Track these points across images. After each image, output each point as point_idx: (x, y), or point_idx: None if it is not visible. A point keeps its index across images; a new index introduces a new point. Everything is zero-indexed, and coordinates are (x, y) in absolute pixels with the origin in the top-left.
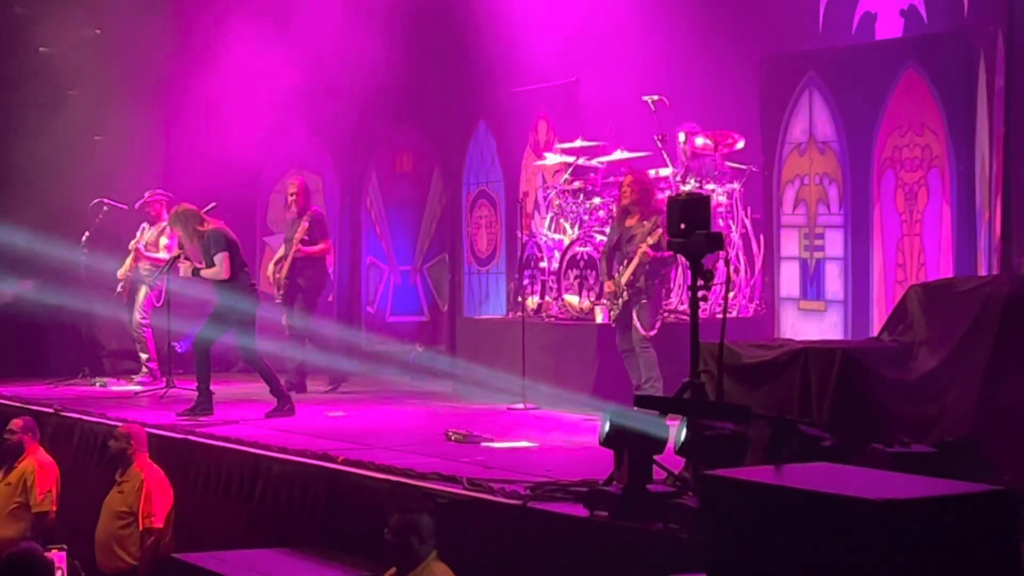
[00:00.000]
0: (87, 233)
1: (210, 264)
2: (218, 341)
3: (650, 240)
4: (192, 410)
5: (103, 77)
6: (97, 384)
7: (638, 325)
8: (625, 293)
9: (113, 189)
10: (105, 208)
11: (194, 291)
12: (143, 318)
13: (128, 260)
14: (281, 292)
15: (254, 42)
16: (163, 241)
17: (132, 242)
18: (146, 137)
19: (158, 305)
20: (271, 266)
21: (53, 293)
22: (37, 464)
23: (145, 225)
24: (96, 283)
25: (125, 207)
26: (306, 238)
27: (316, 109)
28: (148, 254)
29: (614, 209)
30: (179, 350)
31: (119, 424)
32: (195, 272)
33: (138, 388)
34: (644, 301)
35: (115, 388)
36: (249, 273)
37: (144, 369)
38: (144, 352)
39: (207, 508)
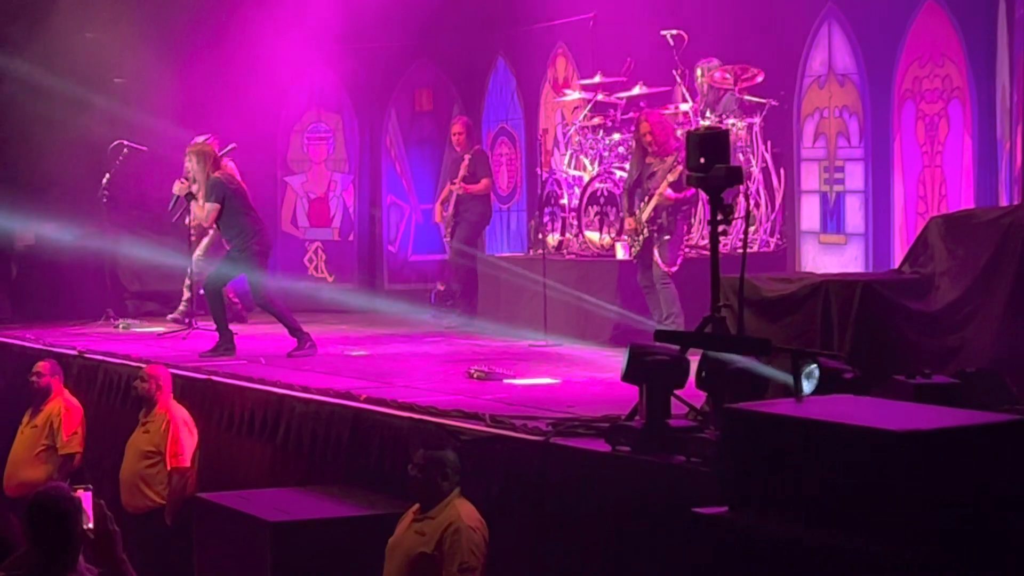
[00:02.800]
0: (107, 175)
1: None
2: (229, 282)
3: (670, 177)
4: (214, 350)
5: (122, 18)
6: (120, 326)
7: (659, 261)
8: (646, 230)
9: (133, 131)
10: (125, 150)
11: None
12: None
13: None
14: (448, 230)
15: None
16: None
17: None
18: (165, 78)
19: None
20: (438, 206)
21: (75, 235)
22: (63, 406)
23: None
24: (117, 225)
25: (145, 149)
26: (467, 175)
27: (335, 48)
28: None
29: (632, 145)
30: (202, 292)
31: (143, 365)
32: (189, 197)
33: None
34: (666, 238)
35: (138, 330)
36: (257, 218)
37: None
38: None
39: (231, 448)
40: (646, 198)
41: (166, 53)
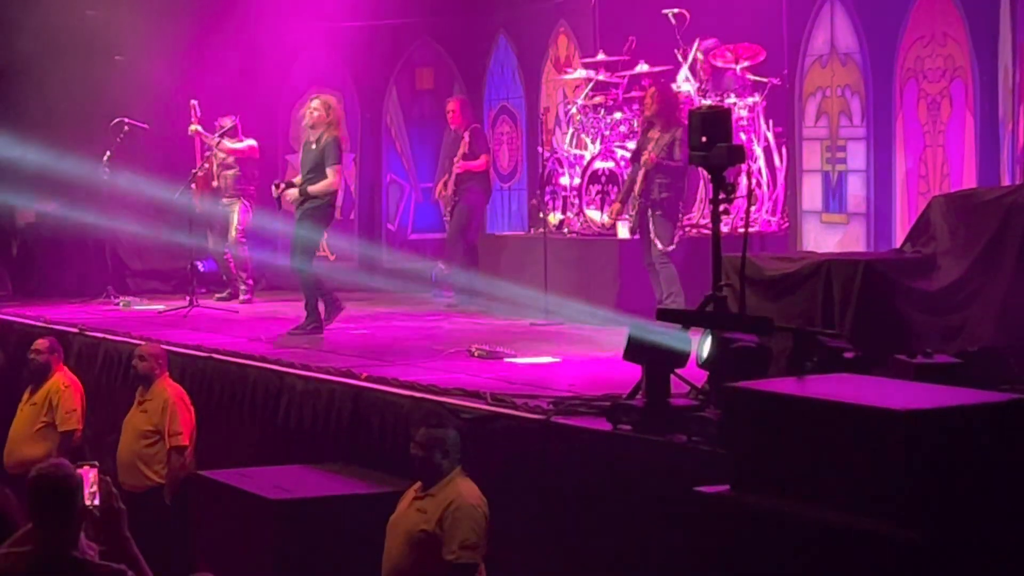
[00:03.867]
0: (109, 152)
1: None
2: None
3: (651, 147)
4: (302, 326)
5: None
6: (121, 304)
7: (655, 240)
8: (637, 203)
9: (134, 108)
10: (126, 128)
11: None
12: (242, 237)
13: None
14: (449, 208)
15: None
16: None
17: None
18: (165, 57)
19: (251, 227)
20: (440, 186)
21: (76, 213)
22: (62, 383)
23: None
24: (119, 202)
25: (146, 126)
26: (467, 152)
27: (336, 26)
28: (231, 145)
29: (636, 124)
30: (202, 269)
31: (141, 343)
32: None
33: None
34: (659, 213)
35: (139, 307)
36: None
37: (243, 287)
38: (242, 271)
39: (232, 426)
40: (638, 170)
41: (167, 32)
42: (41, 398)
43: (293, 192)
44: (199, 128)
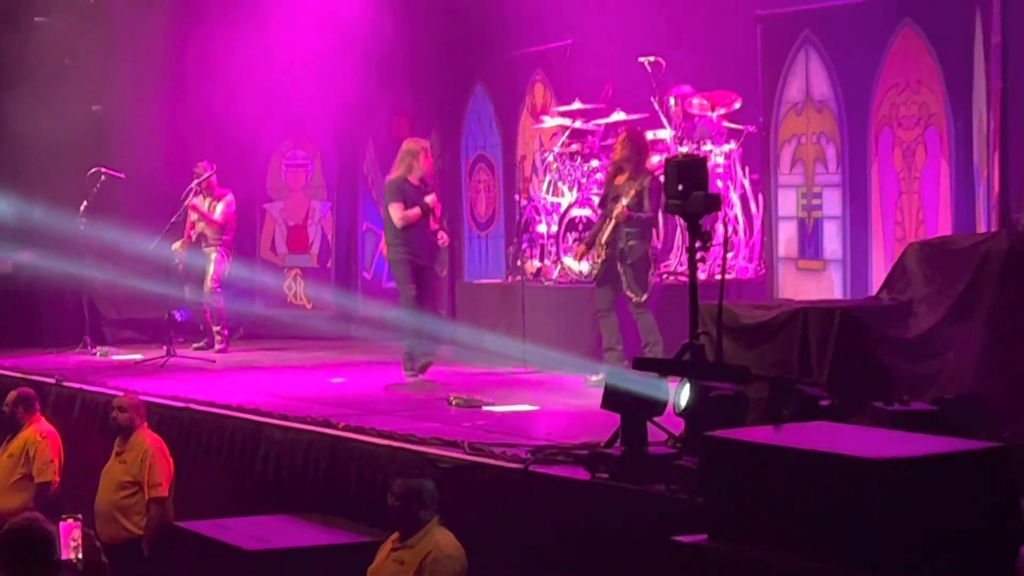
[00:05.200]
0: (85, 202)
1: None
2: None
3: (626, 200)
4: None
5: (100, 46)
6: (98, 354)
7: (629, 293)
8: (603, 252)
9: (111, 158)
10: (103, 177)
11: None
12: (216, 286)
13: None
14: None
15: (251, 11)
16: (219, 208)
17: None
18: (143, 106)
19: (227, 275)
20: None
21: (52, 263)
22: (39, 434)
23: (198, 200)
24: (95, 252)
25: (122, 176)
26: None
27: (313, 75)
28: (205, 213)
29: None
30: (179, 319)
31: (120, 394)
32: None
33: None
34: (629, 263)
35: (116, 357)
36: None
37: (218, 338)
38: (216, 323)
39: (209, 477)
40: (607, 220)
41: (144, 81)
42: (17, 449)
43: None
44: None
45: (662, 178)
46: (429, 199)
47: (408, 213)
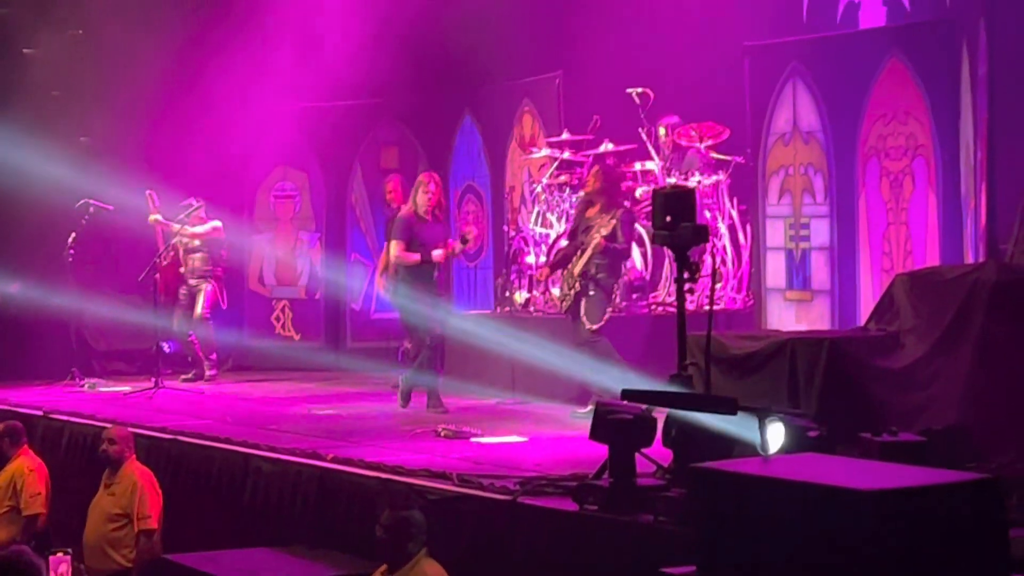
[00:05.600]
0: (73, 234)
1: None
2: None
3: (604, 231)
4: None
5: (87, 78)
6: (86, 386)
7: (584, 318)
8: (577, 284)
9: (98, 190)
10: (91, 209)
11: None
12: (207, 315)
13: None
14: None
15: (239, 41)
16: (210, 224)
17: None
18: (131, 137)
19: (224, 307)
20: (379, 272)
21: (40, 295)
22: (26, 467)
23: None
24: (83, 284)
25: (111, 208)
26: None
27: (301, 106)
28: (194, 229)
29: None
30: (167, 350)
31: (108, 426)
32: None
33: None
34: (592, 294)
35: (104, 389)
36: None
37: (207, 364)
38: (206, 352)
39: (197, 508)
40: (579, 251)
41: (132, 112)
42: (5, 482)
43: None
44: (159, 217)
45: (634, 209)
46: (437, 254)
47: (405, 255)
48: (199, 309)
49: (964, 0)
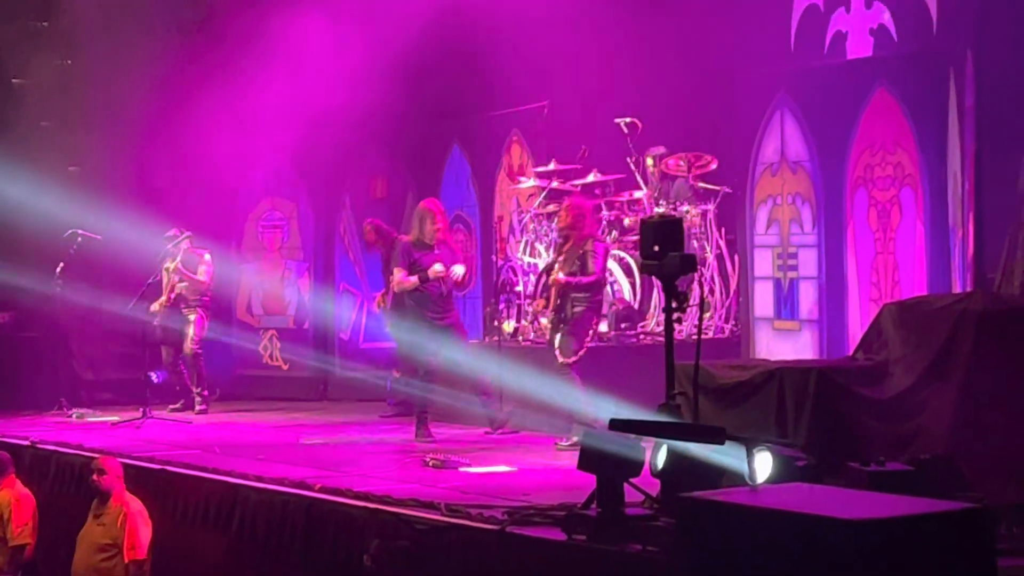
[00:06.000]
0: (62, 264)
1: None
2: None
3: (565, 269)
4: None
5: (76, 107)
6: (74, 416)
7: (557, 352)
8: (551, 319)
9: (87, 219)
10: (79, 239)
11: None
12: (197, 348)
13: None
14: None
15: (227, 71)
16: (201, 269)
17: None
18: (120, 167)
19: (207, 334)
20: (380, 298)
21: (29, 324)
22: (13, 497)
23: (172, 264)
24: (72, 314)
25: (99, 237)
26: None
27: (290, 136)
28: (190, 274)
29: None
30: (155, 380)
31: (96, 456)
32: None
33: (174, 415)
34: (566, 328)
35: (92, 419)
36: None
37: (199, 399)
38: (197, 384)
39: (186, 538)
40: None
41: (121, 141)
42: None
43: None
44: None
45: (607, 239)
46: (436, 269)
47: (405, 280)
48: (189, 343)
49: (951, 31)
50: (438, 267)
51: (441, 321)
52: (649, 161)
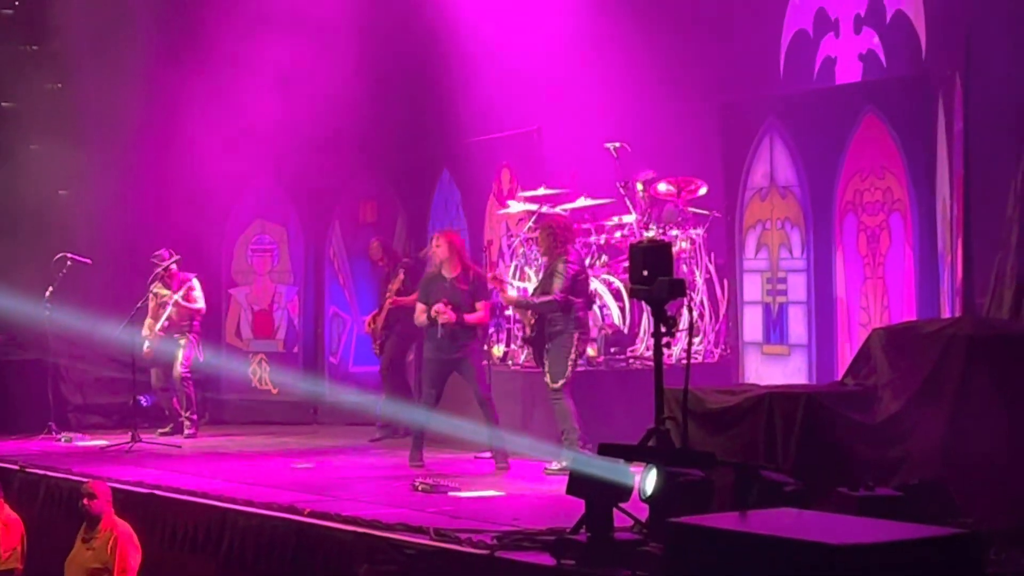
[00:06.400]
0: (51, 288)
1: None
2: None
3: (512, 284)
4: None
5: (66, 131)
6: (63, 439)
7: (547, 377)
8: (527, 342)
9: (77, 243)
10: (68, 263)
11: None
12: (186, 372)
13: (155, 320)
14: (378, 343)
15: (217, 94)
16: (192, 294)
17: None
18: (110, 191)
19: (200, 360)
20: (370, 319)
21: (18, 348)
22: (2, 521)
23: (159, 289)
24: (60, 337)
25: (89, 261)
26: (401, 288)
27: (280, 159)
28: (188, 304)
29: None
30: (144, 404)
31: (86, 480)
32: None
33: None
34: (550, 350)
35: (81, 443)
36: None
37: (188, 423)
38: (186, 409)
39: (175, 563)
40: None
41: (111, 165)
42: None
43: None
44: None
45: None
46: (436, 309)
47: (419, 315)
48: (178, 367)
49: (940, 56)
50: (436, 308)
51: (449, 356)
52: (639, 186)
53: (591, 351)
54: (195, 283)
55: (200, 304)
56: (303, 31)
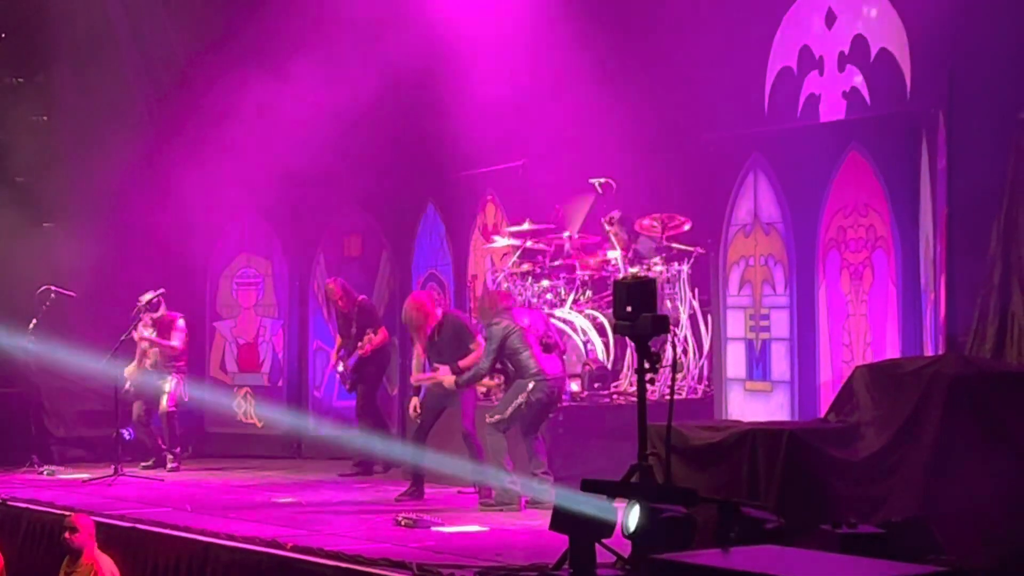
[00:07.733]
0: (35, 320)
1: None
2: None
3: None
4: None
5: (51, 163)
6: (45, 472)
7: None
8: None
9: (60, 276)
10: (52, 295)
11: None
12: (172, 408)
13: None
14: (348, 384)
15: (201, 128)
16: (175, 334)
17: (134, 335)
18: (94, 224)
19: (186, 399)
20: (334, 355)
21: (0, 381)
22: None
23: (146, 331)
24: (44, 370)
25: (73, 295)
26: (357, 331)
27: (265, 193)
28: (162, 341)
29: (562, 292)
30: (127, 437)
31: (68, 514)
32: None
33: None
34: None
35: (63, 476)
36: None
37: (170, 457)
38: (167, 443)
39: None
40: None
41: (95, 197)
42: None
43: (449, 379)
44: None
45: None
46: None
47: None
48: (164, 404)
49: (924, 94)
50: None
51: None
52: (606, 225)
53: (574, 386)
54: (180, 323)
55: (175, 342)
56: (287, 68)
